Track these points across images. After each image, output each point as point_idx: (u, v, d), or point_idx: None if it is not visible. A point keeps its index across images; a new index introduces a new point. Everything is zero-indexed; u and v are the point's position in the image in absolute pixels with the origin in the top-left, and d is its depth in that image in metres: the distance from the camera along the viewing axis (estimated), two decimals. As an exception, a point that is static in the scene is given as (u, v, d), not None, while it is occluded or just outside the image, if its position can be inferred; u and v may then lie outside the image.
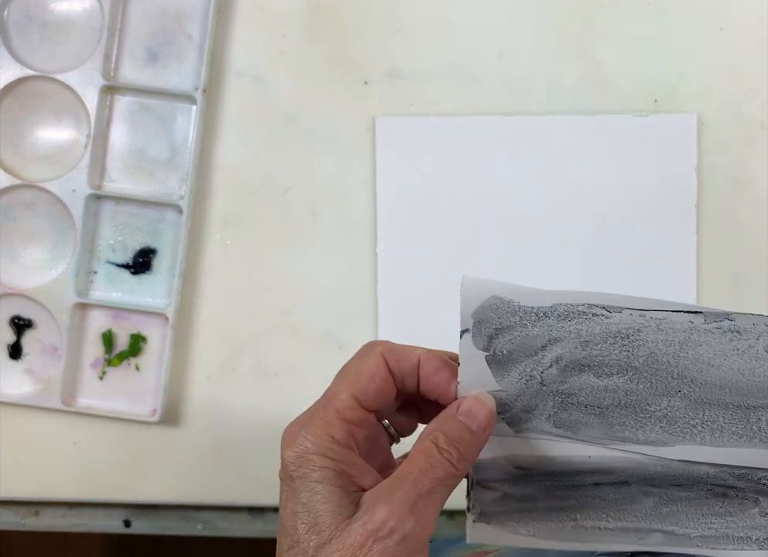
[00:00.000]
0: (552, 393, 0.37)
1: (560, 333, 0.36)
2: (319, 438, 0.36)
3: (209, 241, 0.72)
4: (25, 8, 0.72)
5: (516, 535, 0.40)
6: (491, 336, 0.37)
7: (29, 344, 0.72)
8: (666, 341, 0.36)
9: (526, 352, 0.37)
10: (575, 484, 0.39)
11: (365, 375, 0.37)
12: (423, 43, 0.71)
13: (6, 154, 0.72)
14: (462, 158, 0.70)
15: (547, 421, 0.38)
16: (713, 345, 0.36)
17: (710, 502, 0.39)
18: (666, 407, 0.37)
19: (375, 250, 0.71)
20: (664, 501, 0.39)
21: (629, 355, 0.37)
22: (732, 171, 0.70)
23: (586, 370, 0.37)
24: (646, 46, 0.71)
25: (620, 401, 0.37)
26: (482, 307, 0.37)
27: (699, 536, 0.40)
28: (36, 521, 0.76)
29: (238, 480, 0.72)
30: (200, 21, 0.71)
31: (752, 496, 0.39)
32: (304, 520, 0.35)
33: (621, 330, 0.36)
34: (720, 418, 0.37)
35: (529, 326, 0.37)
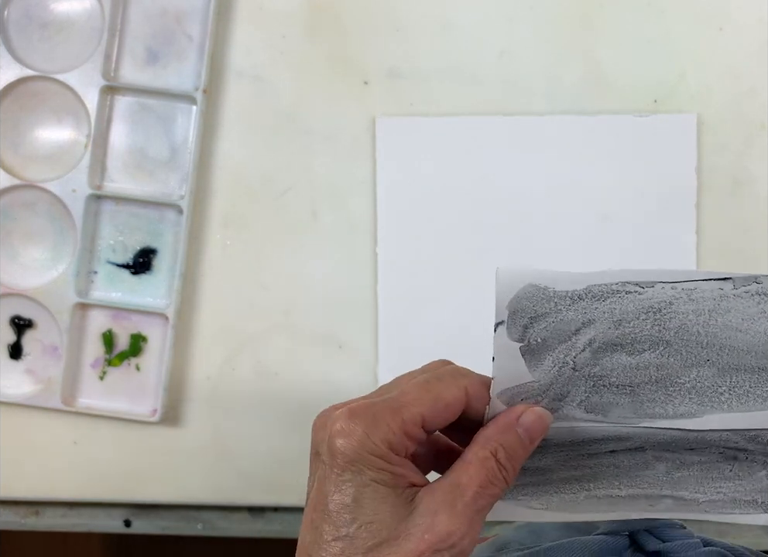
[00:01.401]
0: (584, 377, 0.37)
1: (594, 314, 0.36)
2: (382, 442, 0.35)
3: (209, 241, 0.72)
4: (26, 8, 0.72)
5: (529, 509, 0.40)
6: (525, 325, 0.36)
7: (30, 344, 0.72)
8: (697, 310, 0.36)
9: (560, 338, 0.36)
10: (591, 453, 0.39)
11: (443, 403, 0.36)
12: (423, 43, 0.71)
13: (6, 154, 0.72)
14: (462, 158, 0.70)
15: (578, 407, 0.37)
16: (741, 310, 0.36)
17: (720, 466, 0.39)
18: (696, 377, 0.37)
19: (375, 250, 0.71)
20: (677, 466, 0.39)
21: (660, 329, 0.36)
22: (732, 171, 0.70)
23: (618, 349, 0.36)
24: (646, 46, 0.71)
25: (651, 376, 0.37)
26: (518, 296, 0.36)
27: (707, 501, 0.40)
28: (36, 520, 0.76)
29: (238, 480, 0.72)
30: (201, 21, 0.71)
31: (761, 458, 0.39)
32: (357, 515, 0.34)
33: (653, 305, 0.36)
34: (746, 383, 0.37)
35: (564, 310, 0.36)
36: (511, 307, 0.36)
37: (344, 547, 0.34)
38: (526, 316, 0.36)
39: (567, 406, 0.37)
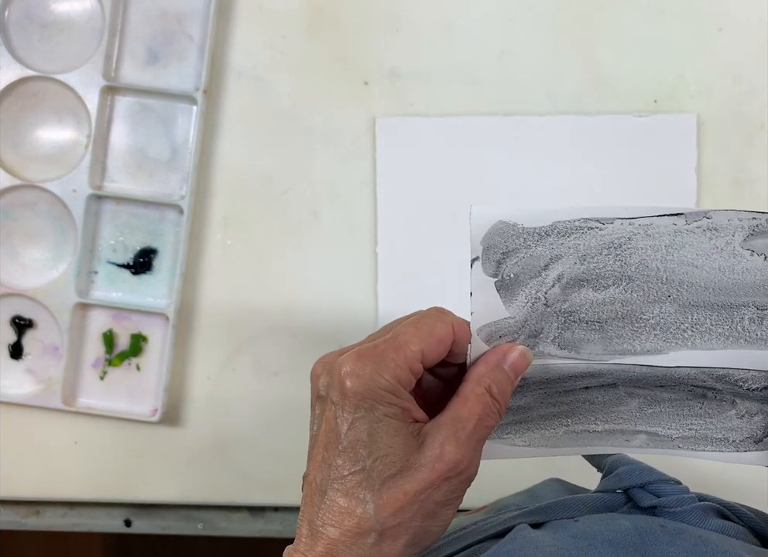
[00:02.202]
0: (556, 313, 0.39)
1: (560, 249, 0.38)
2: (392, 377, 0.37)
3: (209, 241, 0.72)
4: (26, 8, 0.72)
5: (513, 447, 0.42)
6: (498, 261, 0.38)
7: (30, 344, 0.72)
8: (654, 246, 0.38)
9: (530, 273, 0.38)
10: (566, 389, 0.41)
11: (436, 337, 0.38)
12: (423, 43, 0.71)
13: (7, 154, 0.72)
14: (462, 158, 0.70)
15: (552, 343, 0.39)
16: (695, 245, 0.38)
17: (690, 403, 0.41)
18: (659, 313, 0.39)
19: (375, 250, 0.71)
20: (648, 402, 0.41)
21: (622, 264, 0.38)
22: (732, 171, 0.70)
23: (585, 284, 0.39)
24: (645, 47, 0.71)
25: (617, 312, 0.39)
26: (490, 232, 0.38)
27: (680, 437, 0.41)
28: (36, 520, 0.76)
29: (238, 480, 0.72)
30: (201, 21, 0.71)
31: (729, 398, 0.41)
32: (372, 449, 0.36)
33: (614, 241, 0.38)
34: (707, 321, 0.39)
35: (533, 246, 0.38)
36: (484, 242, 0.38)
37: (362, 479, 0.36)
38: (498, 252, 0.38)
39: (541, 343, 0.39)
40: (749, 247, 0.38)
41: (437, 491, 0.37)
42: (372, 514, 0.36)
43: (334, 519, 0.36)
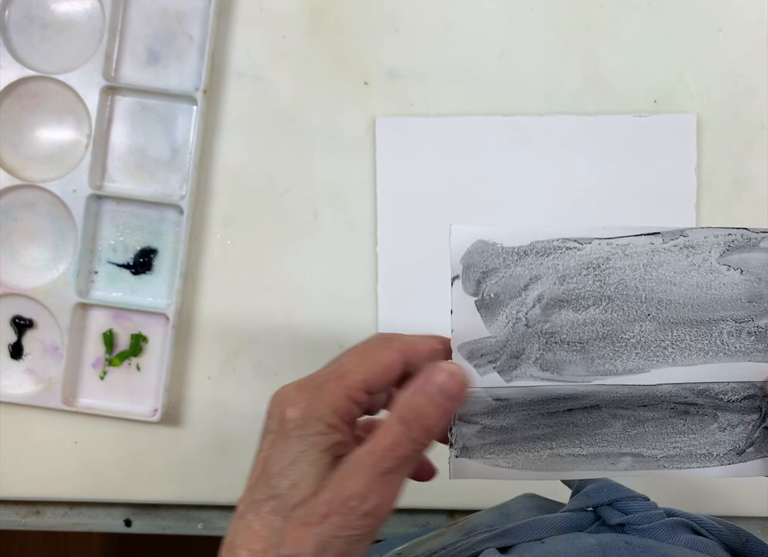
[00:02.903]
0: (537, 334, 0.39)
1: (539, 269, 0.39)
2: (327, 407, 0.37)
3: (209, 241, 0.72)
4: (26, 8, 0.72)
5: (497, 468, 0.42)
6: (478, 280, 0.39)
7: (30, 344, 0.72)
8: (633, 265, 0.39)
9: (510, 293, 0.39)
10: (550, 411, 0.41)
11: (381, 366, 0.38)
12: (423, 43, 0.71)
13: (7, 154, 0.72)
14: (462, 158, 0.71)
15: (534, 364, 0.40)
16: (673, 263, 0.39)
17: (674, 421, 0.41)
18: (639, 332, 0.39)
19: (375, 250, 0.71)
20: (632, 423, 0.41)
21: (601, 284, 0.39)
22: (732, 171, 0.70)
23: (565, 305, 0.39)
24: (645, 47, 0.71)
25: (598, 332, 0.39)
26: (469, 251, 0.39)
27: (665, 456, 0.42)
28: (36, 520, 0.76)
29: (238, 480, 0.72)
30: (201, 21, 0.71)
31: (710, 411, 0.41)
32: (290, 477, 0.37)
33: (592, 261, 0.39)
34: (687, 337, 0.39)
35: (512, 266, 0.39)
36: (464, 261, 0.39)
37: (275, 505, 0.37)
38: (478, 271, 0.39)
39: (523, 364, 0.39)
40: (725, 263, 0.39)
41: (334, 526, 0.35)
42: (276, 540, 0.36)
43: (246, 541, 0.37)
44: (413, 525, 0.74)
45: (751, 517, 0.71)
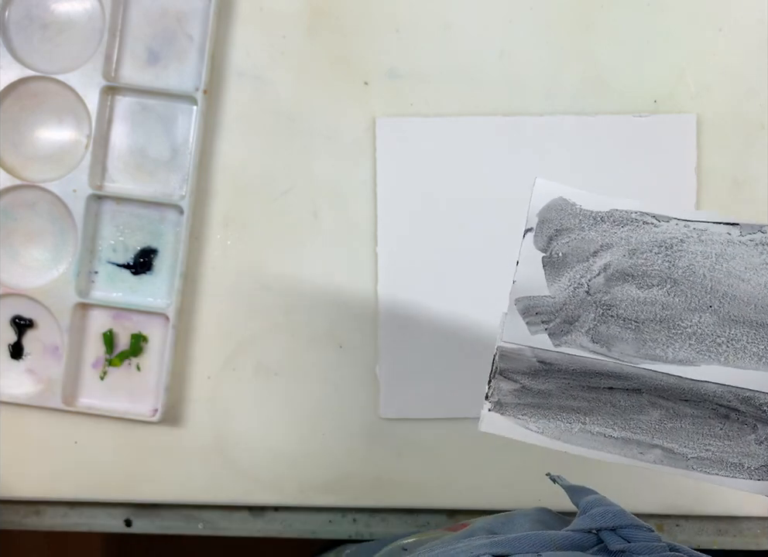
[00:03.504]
0: (595, 303, 0.39)
1: (612, 238, 0.38)
2: None
3: (210, 241, 0.72)
4: (26, 8, 0.72)
5: (526, 430, 0.42)
6: (551, 236, 0.39)
7: (30, 344, 0.72)
8: (705, 252, 0.38)
9: (579, 256, 0.39)
10: (591, 386, 0.41)
11: None
12: (423, 43, 0.71)
13: (7, 154, 0.72)
14: (462, 158, 0.71)
15: (586, 334, 0.39)
16: (745, 258, 0.38)
17: (712, 422, 0.40)
18: (698, 323, 0.39)
19: (375, 250, 0.71)
20: (670, 415, 0.41)
21: (670, 266, 0.38)
22: (732, 171, 0.70)
23: (630, 279, 0.39)
24: (645, 47, 0.71)
25: (656, 315, 0.39)
26: (548, 206, 0.39)
27: (695, 457, 0.41)
28: (36, 520, 0.76)
29: (238, 480, 0.72)
30: (201, 21, 0.71)
31: (751, 422, 0.40)
32: None
33: (666, 240, 0.38)
34: (744, 337, 0.39)
35: (586, 229, 0.39)
36: (541, 215, 0.39)
37: None
38: (552, 227, 0.39)
39: (575, 331, 0.39)
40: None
41: None
42: None
43: None
44: (413, 525, 0.74)
45: (751, 517, 0.71)
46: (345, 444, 0.71)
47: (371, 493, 0.71)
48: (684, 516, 0.72)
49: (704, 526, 0.72)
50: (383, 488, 0.71)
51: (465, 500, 0.72)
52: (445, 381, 0.70)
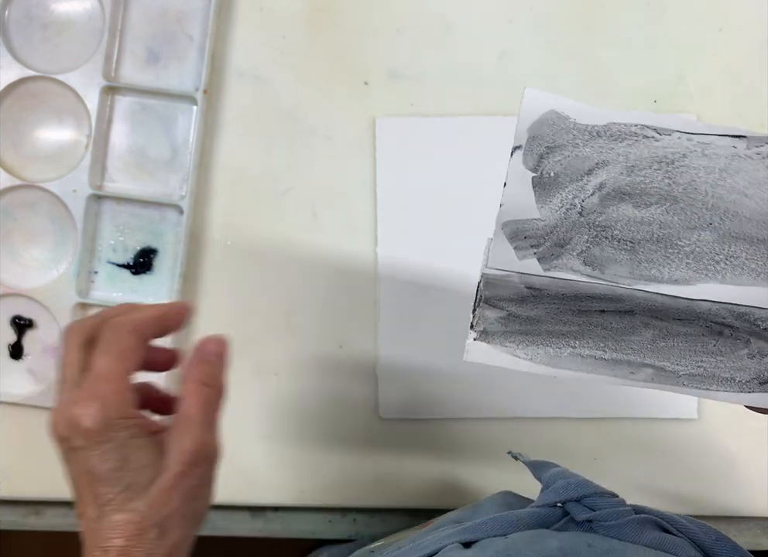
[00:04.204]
0: (588, 225, 0.36)
1: (609, 154, 0.35)
2: (117, 405, 0.42)
3: (209, 241, 0.72)
4: (26, 8, 0.72)
5: (513, 357, 0.40)
6: (541, 154, 0.36)
7: (30, 344, 0.72)
8: (708, 168, 0.35)
9: (572, 175, 0.36)
10: (582, 310, 0.39)
11: (134, 354, 0.44)
12: (423, 43, 0.71)
13: (7, 154, 0.72)
14: (462, 158, 0.71)
15: (578, 257, 0.37)
16: (750, 172, 0.35)
17: (705, 339, 0.39)
18: (696, 241, 0.36)
19: (375, 250, 0.71)
20: (663, 335, 0.39)
21: (670, 182, 0.36)
22: (732, 171, 0.70)
23: (626, 199, 0.36)
24: (645, 47, 0.71)
25: (653, 234, 0.36)
26: (539, 121, 0.36)
27: (687, 374, 0.40)
28: (37, 520, 0.76)
29: (238, 480, 0.72)
30: (201, 21, 0.71)
31: (744, 336, 0.39)
32: (128, 468, 0.41)
33: (667, 155, 0.35)
34: (743, 254, 0.37)
35: (581, 145, 0.36)
36: (531, 131, 0.35)
37: (129, 494, 0.41)
38: (543, 144, 0.36)
39: (566, 255, 0.37)
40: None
41: (191, 479, 0.42)
42: (146, 514, 0.41)
43: (116, 533, 0.40)
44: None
45: (751, 517, 0.71)
46: (345, 444, 0.71)
47: (371, 493, 0.71)
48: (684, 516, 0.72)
49: (704, 526, 0.72)
50: (383, 488, 0.71)
51: (465, 500, 0.71)
52: (445, 382, 0.70)
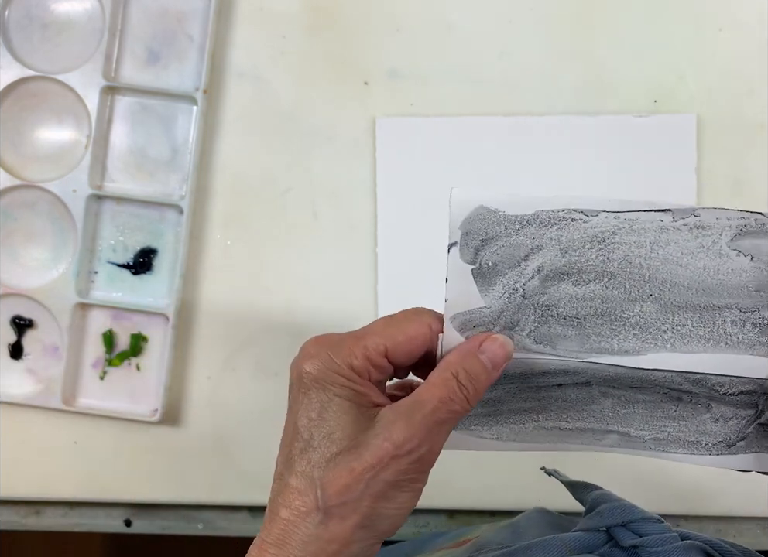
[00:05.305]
0: (533, 306, 0.37)
1: (542, 240, 0.37)
2: (343, 362, 0.37)
3: (209, 241, 0.72)
4: (26, 8, 0.72)
5: (481, 439, 0.41)
6: (477, 247, 0.37)
7: (30, 344, 0.72)
8: (639, 242, 0.37)
9: (509, 263, 0.37)
10: (539, 385, 0.40)
11: (405, 335, 0.38)
12: (423, 43, 0.71)
13: (7, 154, 0.72)
14: (462, 158, 0.70)
15: (528, 336, 0.38)
16: (681, 243, 0.36)
17: (665, 406, 0.40)
18: (639, 313, 0.37)
19: (375, 250, 0.71)
20: (622, 403, 0.40)
21: (605, 259, 0.37)
22: (732, 171, 0.70)
23: (565, 278, 0.37)
24: (645, 47, 0.71)
25: (596, 309, 0.37)
26: (469, 218, 0.37)
27: (652, 438, 0.40)
28: (36, 520, 0.76)
29: (238, 480, 0.72)
30: (201, 21, 0.71)
31: (704, 401, 0.40)
32: (322, 428, 0.37)
33: (597, 234, 0.37)
34: (688, 322, 0.38)
35: (513, 235, 0.37)
36: (463, 228, 0.37)
37: (311, 457, 0.37)
38: (477, 238, 0.37)
39: (517, 335, 0.38)
40: (736, 247, 0.37)
41: (386, 471, 0.36)
42: (316, 492, 0.36)
43: (285, 500, 0.37)
44: (413, 525, 0.74)
45: (751, 517, 0.71)
46: (345, 444, 0.71)
47: (371, 494, 0.71)
48: (683, 516, 0.72)
49: (704, 526, 0.72)
50: (383, 488, 0.71)
51: (465, 500, 0.71)
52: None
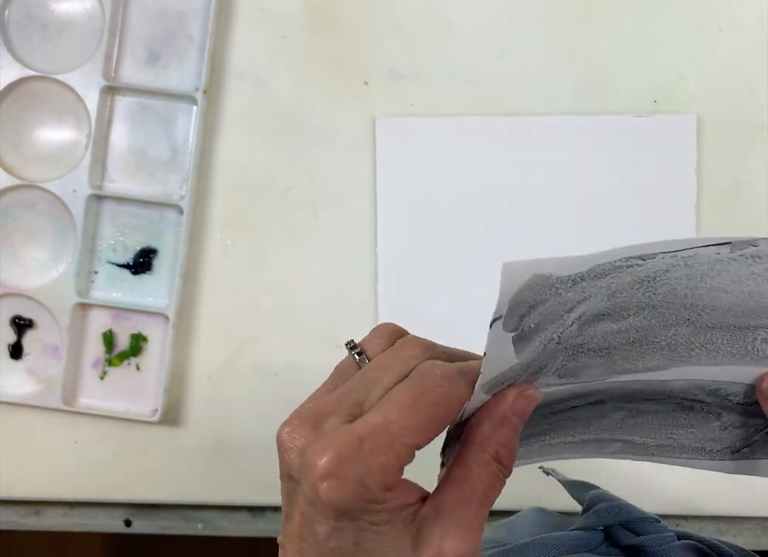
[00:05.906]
0: (564, 349, 0.34)
1: (591, 291, 0.33)
2: (380, 487, 0.31)
3: (209, 241, 0.72)
4: (26, 8, 0.72)
5: None
6: (522, 315, 0.32)
7: (30, 344, 0.72)
8: (689, 275, 0.33)
9: (553, 318, 0.33)
10: (554, 411, 0.37)
11: (438, 424, 0.31)
12: (423, 43, 0.71)
13: (7, 154, 0.72)
14: (462, 158, 0.70)
15: (553, 374, 0.35)
16: (732, 272, 0.34)
17: (676, 415, 0.39)
18: (672, 336, 0.35)
19: (375, 250, 0.71)
20: (632, 414, 0.38)
21: (650, 295, 0.34)
22: (732, 171, 0.70)
23: (605, 318, 0.34)
24: (645, 47, 0.71)
25: (629, 338, 0.34)
26: (521, 289, 0.32)
27: (656, 445, 0.39)
28: (36, 520, 0.76)
29: (238, 480, 0.72)
30: (201, 21, 0.71)
31: (716, 410, 0.39)
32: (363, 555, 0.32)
33: (649, 274, 0.33)
34: (719, 340, 0.35)
35: (564, 293, 0.33)
36: (513, 301, 0.32)
37: None
38: (525, 306, 0.32)
39: (542, 376, 0.35)
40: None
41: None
42: None
43: None
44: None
45: (751, 517, 0.71)
46: (345, 444, 0.71)
47: (371, 493, 0.71)
48: (683, 516, 0.72)
49: (704, 526, 0.72)
50: (383, 488, 0.71)
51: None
52: (445, 381, 0.70)
